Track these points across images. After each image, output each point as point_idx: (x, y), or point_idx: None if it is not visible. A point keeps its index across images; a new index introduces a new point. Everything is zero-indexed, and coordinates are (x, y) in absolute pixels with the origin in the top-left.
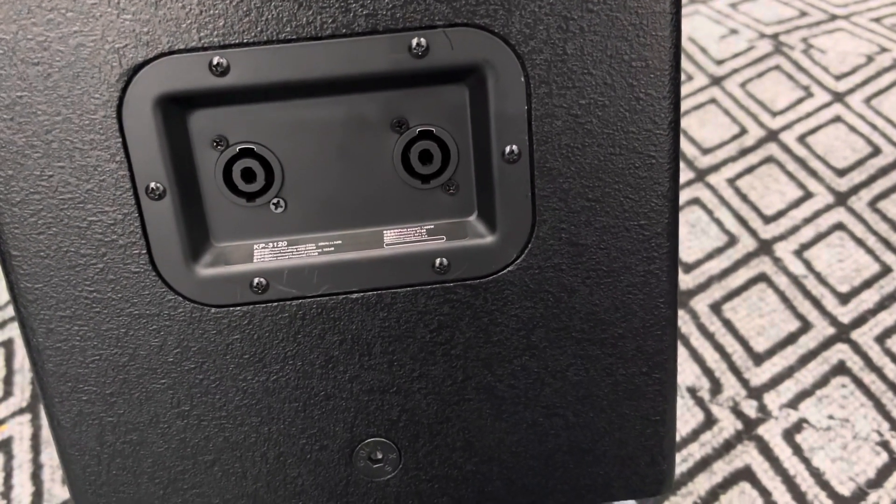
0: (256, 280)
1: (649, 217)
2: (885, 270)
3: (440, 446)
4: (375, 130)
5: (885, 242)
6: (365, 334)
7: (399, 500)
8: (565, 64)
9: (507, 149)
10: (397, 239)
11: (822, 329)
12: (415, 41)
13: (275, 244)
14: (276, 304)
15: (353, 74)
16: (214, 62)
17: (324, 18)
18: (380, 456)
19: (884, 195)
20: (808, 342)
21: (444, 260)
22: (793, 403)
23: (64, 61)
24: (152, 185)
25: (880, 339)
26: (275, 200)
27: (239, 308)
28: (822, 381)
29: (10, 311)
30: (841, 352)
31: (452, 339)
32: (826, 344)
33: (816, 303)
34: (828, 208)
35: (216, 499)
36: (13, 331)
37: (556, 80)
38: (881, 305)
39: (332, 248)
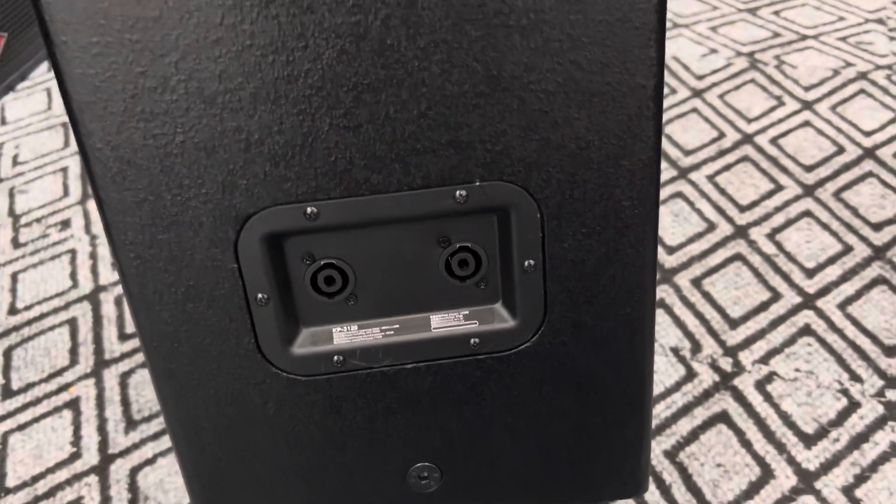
0: (336, 357)
1: (634, 304)
2: (847, 249)
3: (472, 466)
4: (426, 245)
5: (848, 226)
6: (416, 392)
7: None
8: (571, 204)
9: (526, 263)
10: (441, 323)
11: (791, 298)
12: (458, 193)
13: (349, 328)
14: (350, 373)
15: (411, 215)
16: (308, 211)
17: (391, 179)
18: (426, 475)
19: (847, 187)
20: (778, 309)
21: (477, 339)
22: (764, 360)
23: (195, 212)
24: (259, 296)
25: (842, 305)
26: (349, 296)
27: (322, 376)
28: (790, 341)
29: (72, 295)
30: (807, 317)
31: (482, 394)
32: (794, 311)
33: (786, 277)
34: (797, 198)
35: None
36: (76, 311)
37: (564, 216)
38: (843, 278)
39: (392, 332)
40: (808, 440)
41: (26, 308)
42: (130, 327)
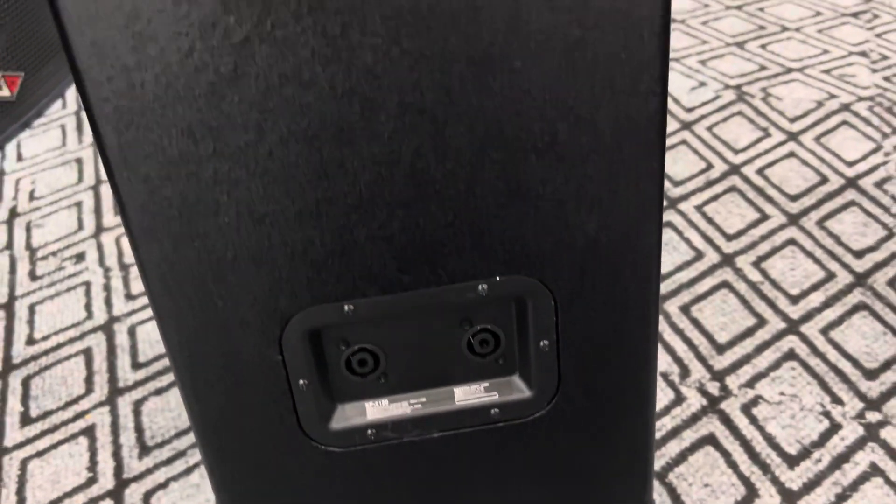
0: (369, 430)
1: (640, 367)
2: (830, 276)
3: (496, 500)
4: (450, 328)
5: (831, 254)
6: (442, 458)
7: None
8: (582, 292)
9: (541, 343)
10: (464, 395)
11: (776, 324)
12: (480, 287)
13: (380, 403)
14: (383, 443)
15: (437, 305)
16: (346, 309)
17: (420, 278)
18: None
19: (830, 215)
20: (763, 335)
21: (497, 409)
22: (750, 384)
23: (243, 314)
24: (301, 382)
25: (824, 330)
26: (380, 375)
27: (358, 447)
28: (775, 366)
29: (87, 326)
30: (791, 342)
31: (502, 456)
32: (779, 336)
33: (771, 303)
34: (782, 227)
35: None
36: (91, 341)
37: (576, 302)
38: (826, 304)
39: (420, 405)
40: (792, 461)
41: (43, 339)
42: (143, 356)
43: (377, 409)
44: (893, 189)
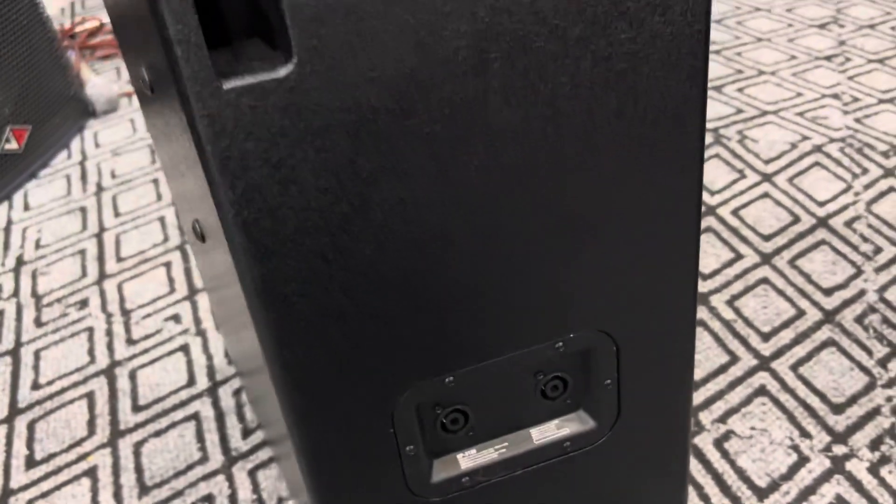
0: (464, 479)
1: (681, 393)
2: (800, 313)
3: None
4: (527, 380)
5: (801, 292)
6: (526, 487)
7: None
8: (638, 338)
9: (605, 382)
10: (540, 435)
11: (748, 361)
12: (557, 345)
13: (470, 453)
14: (476, 487)
15: (520, 364)
16: (447, 381)
17: (507, 345)
18: None
19: (801, 254)
20: (735, 371)
21: (568, 442)
22: (722, 419)
23: (363, 400)
24: (409, 448)
25: (794, 367)
26: (469, 429)
27: (454, 494)
28: (747, 401)
29: (90, 370)
30: (762, 378)
31: (573, 477)
32: (750, 372)
33: (744, 341)
34: (755, 266)
35: None
36: (94, 385)
37: (634, 347)
38: (796, 341)
39: (504, 449)
40: (761, 493)
41: (48, 383)
42: (143, 399)
43: (468, 459)
44: (862, 228)
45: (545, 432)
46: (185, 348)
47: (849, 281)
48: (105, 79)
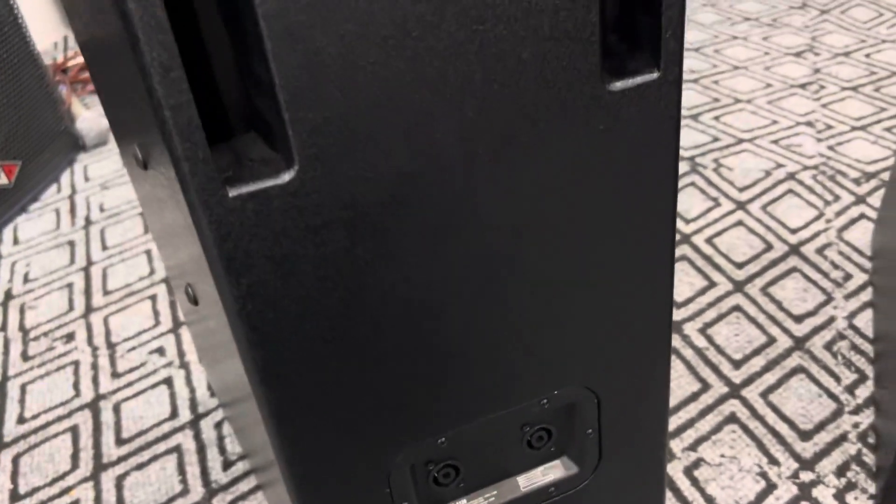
0: None
1: (658, 436)
2: (771, 341)
3: None
4: (513, 433)
5: (773, 319)
6: None
7: None
8: (618, 389)
9: (587, 431)
10: (526, 482)
11: (719, 389)
12: (543, 401)
13: (461, 503)
14: None
15: (508, 421)
16: (439, 441)
17: (497, 405)
18: None
19: (773, 282)
20: (707, 399)
21: (553, 488)
22: (693, 447)
23: (358, 464)
24: None
25: (764, 394)
26: (460, 481)
27: None
28: (717, 429)
29: (74, 404)
30: (733, 405)
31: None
32: (721, 400)
33: (715, 368)
34: (728, 294)
35: None
36: (78, 418)
37: (614, 397)
38: (766, 368)
39: (493, 497)
40: None
41: (33, 417)
42: (127, 432)
43: None
44: (833, 255)
45: (531, 479)
46: (168, 381)
47: (819, 308)
48: (96, 112)
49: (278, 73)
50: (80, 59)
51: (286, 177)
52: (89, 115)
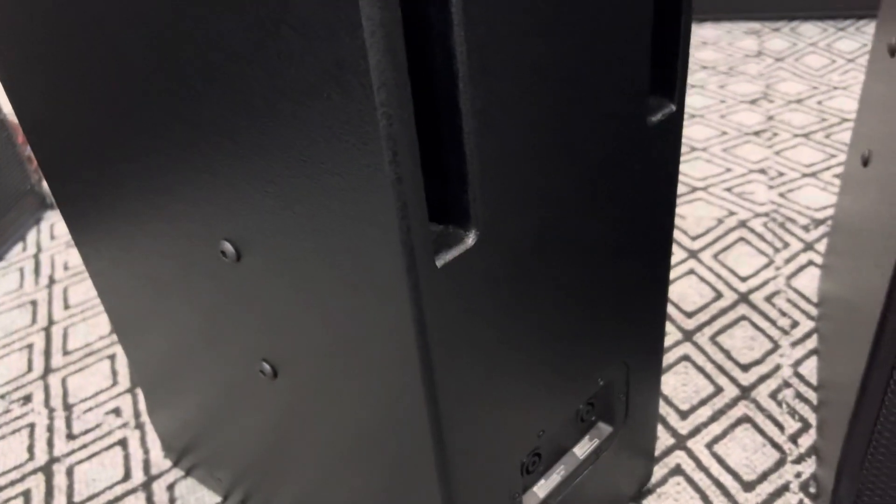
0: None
1: (653, 400)
2: (718, 390)
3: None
4: (574, 415)
5: (720, 368)
6: (581, 489)
7: None
8: (639, 357)
9: (620, 396)
10: (581, 451)
11: (665, 440)
12: (600, 381)
13: (541, 484)
14: None
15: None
16: (539, 433)
17: (577, 399)
18: None
19: (722, 331)
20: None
21: (598, 448)
22: (636, 499)
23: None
24: (515, 495)
25: (709, 444)
26: (540, 465)
27: None
28: (662, 481)
29: (28, 467)
30: (678, 457)
31: (599, 468)
32: (667, 452)
33: (662, 420)
34: (677, 343)
35: None
36: (31, 482)
37: (637, 366)
38: (712, 418)
39: (563, 470)
40: None
41: None
42: (79, 496)
43: (542, 489)
44: (781, 302)
45: (584, 448)
46: (123, 442)
47: (766, 356)
48: None
49: (471, 163)
50: None
51: (470, 241)
52: None
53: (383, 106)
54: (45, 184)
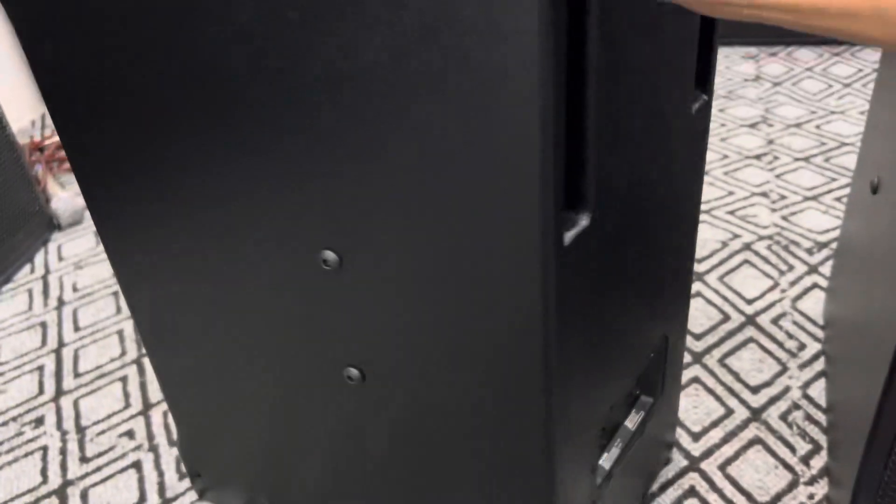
0: (609, 477)
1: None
2: (729, 412)
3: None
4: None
5: (730, 390)
6: (634, 456)
7: None
8: (674, 335)
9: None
10: (631, 424)
11: (679, 462)
12: (650, 354)
13: (605, 457)
14: (609, 479)
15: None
16: (610, 408)
17: (634, 372)
18: None
19: (730, 353)
20: (667, 472)
21: (644, 420)
22: None
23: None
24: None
25: (722, 466)
26: (604, 439)
27: (604, 487)
28: (677, 503)
29: (41, 491)
30: (692, 479)
31: (646, 437)
32: (681, 473)
33: (676, 443)
34: (687, 365)
35: None
36: (68, 501)
37: (673, 337)
38: (724, 440)
39: (621, 443)
40: None
41: None
42: None
43: (607, 460)
44: (787, 325)
45: (633, 420)
46: (137, 465)
47: (774, 378)
48: (71, 191)
49: (591, 153)
50: (57, 139)
51: (584, 221)
52: (65, 195)
53: (542, 100)
54: (52, 205)
